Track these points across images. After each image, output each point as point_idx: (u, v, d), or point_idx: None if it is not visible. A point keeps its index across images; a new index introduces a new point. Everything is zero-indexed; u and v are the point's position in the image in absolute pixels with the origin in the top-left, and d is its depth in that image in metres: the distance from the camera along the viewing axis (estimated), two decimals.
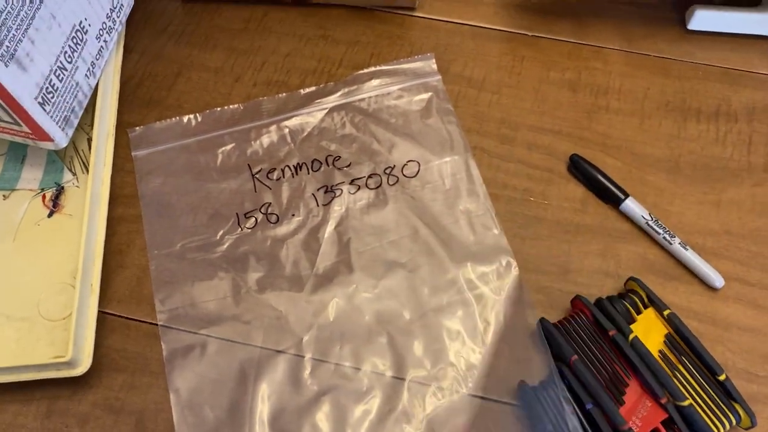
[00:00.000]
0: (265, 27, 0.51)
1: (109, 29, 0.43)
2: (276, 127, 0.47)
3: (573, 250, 0.43)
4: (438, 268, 0.42)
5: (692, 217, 0.43)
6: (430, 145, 0.46)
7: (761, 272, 0.42)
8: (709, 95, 0.47)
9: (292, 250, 0.43)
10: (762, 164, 0.45)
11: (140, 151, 0.46)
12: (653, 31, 0.50)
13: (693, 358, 0.38)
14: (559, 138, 0.46)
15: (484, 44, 0.50)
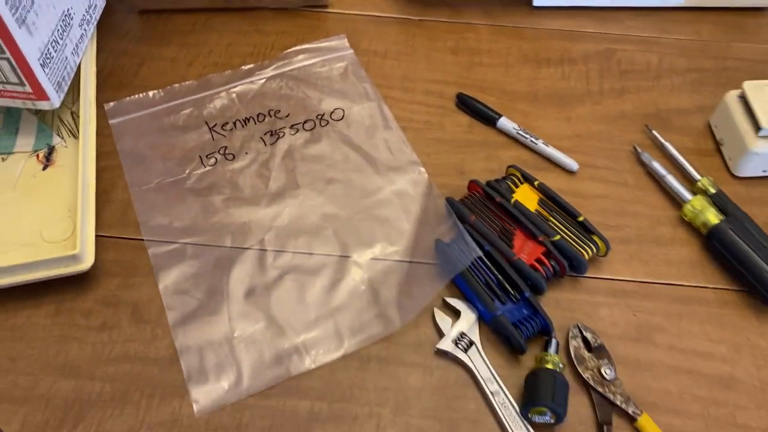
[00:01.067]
0: (209, 27, 0.64)
1: (87, 21, 0.55)
2: (225, 93, 0.59)
3: (466, 158, 0.56)
4: (367, 179, 0.54)
5: (551, 129, 0.57)
6: (350, 96, 0.59)
7: (604, 159, 0.56)
8: (555, 49, 0.63)
9: (248, 178, 0.54)
10: (597, 90, 0.60)
11: (116, 119, 0.57)
12: (509, 10, 0.66)
13: (558, 210, 0.51)
14: (447, 86, 0.60)
15: (383, 27, 0.64)
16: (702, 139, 0.57)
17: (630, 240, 0.52)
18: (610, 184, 0.55)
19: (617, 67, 0.62)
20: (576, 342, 0.46)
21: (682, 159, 0.55)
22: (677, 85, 0.61)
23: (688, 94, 0.60)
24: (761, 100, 0.53)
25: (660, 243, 0.51)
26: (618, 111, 0.59)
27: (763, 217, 0.52)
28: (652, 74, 0.61)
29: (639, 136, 0.57)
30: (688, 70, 0.62)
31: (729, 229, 0.49)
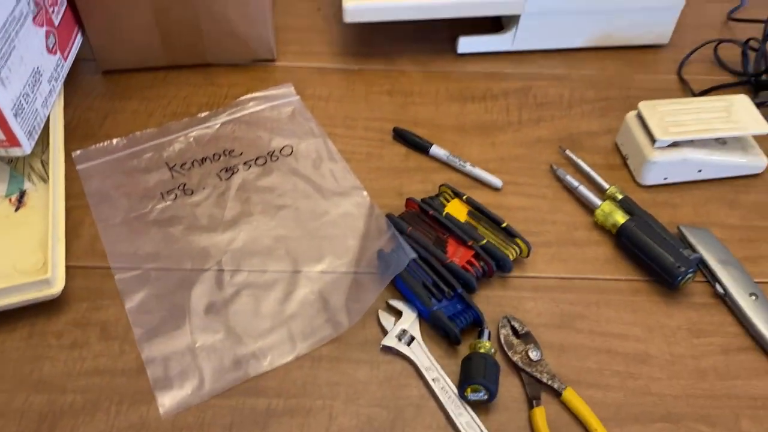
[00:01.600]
0: (168, 82, 0.70)
1: (55, 78, 0.61)
2: (184, 137, 0.65)
3: (403, 182, 0.62)
4: (315, 204, 0.60)
5: (477, 154, 0.65)
6: (298, 134, 0.65)
7: (525, 177, 0.63)
8: (478, 88, 0.71)
9: (206, 209, 0.59)
10: (516, 120, 0.68)
11: (82, 165, 0.62)
12: (437, 57, 0.74)
13: (485, 218, 0.57)
14: (384, 122, 0.67)
15: (326, 77, 0.72)
16: (610, 156, 0.65)
17: (550, 243, 0.58)
18: (531, 198, 0.61)
19: (534, 100, 0.70)
20: (505, 330, 0.51)
21: (592, 172, 0.62)
22: (587, 112, 0.69)
23: (596, 119, 0.68)
24: (654, 117, 0.61)
25: (577, 244, 0.58)
26: (535, 136, 0.66)
27: (667, 217, 0.59)
28: (564, 105, 0.70)
29: (555, 156, 0.65)
30: (596, 99, 0.70)
31: (634, 226, 0.56)
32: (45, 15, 0.59)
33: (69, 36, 0.64)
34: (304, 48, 0.75)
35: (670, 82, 0.72)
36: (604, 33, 0.73)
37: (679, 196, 0.61)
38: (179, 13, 0.65)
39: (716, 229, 0.58)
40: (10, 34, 0.53)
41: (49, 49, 0.60)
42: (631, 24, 0.73)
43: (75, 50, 0.65)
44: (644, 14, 0.72)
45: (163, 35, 0.67)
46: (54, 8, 0.61)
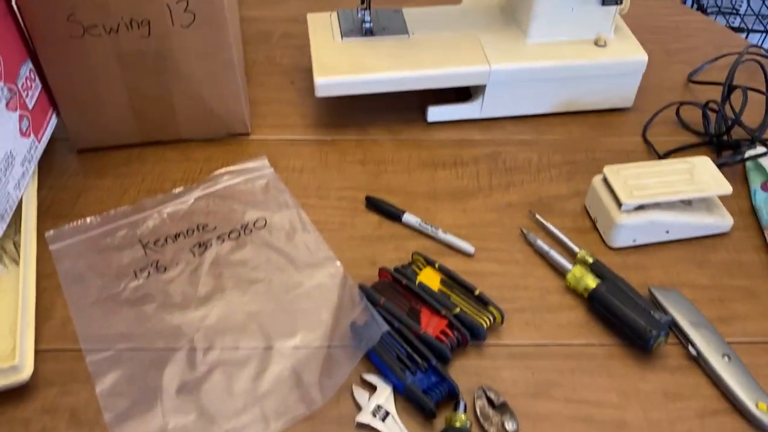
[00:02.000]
0: (143, 159, 0.71)
1: (28, 160, 0.61)
2: (157, 214, 0.65)
3: (377, 251, 0.62)
4: (288, 277, 0.60)
5: (449, 220, 0.65)
6: (271, 207, 0.66)
7: (497, 242, 0.63)
8: (449, 155, 0.73)
9: (178, 286, 0.59)
10: (487, 186, 0.69)
11: (55, 245, 0.62)
12: (408, 125, 0.76)
13: (458, 286, 0.57)
14: (357, 191, 0.68)
15: (300, 148, 0.73)
16: (580, 219, 0.66)
17: (524, 309, 0.58)
18: (503, 263, 0.62)
19: (503, 165, 0.71)
20: (481, 401, 0.51)
21: (562, 236, 0.63)
22: (555, 176, 0.70)
23: (565, 183, 0.70)
24: (619, 181, 0.62)
25: (550, 310, 0.58)
26: (506, 201, 0.68)
27: (638, 279, 0.60)
28: (533, 169, 0.71)
29: (525, 220, 0.66)
30: (564, 163, 0.72)
31: (605, 291, 0.57)
32: (19, 99, 0.60)
33: (43, 118, 0.65)
34: (278, 120, 0.76)
35: (635, 144, 0.74)
36: (569, 99, 0.75)
37: (648, 257, 0.62)
38: (152, 92, 0.67)
39: (686, 290, 0.59)
40: None
41: (23, 132, 0.60)
42: (595, 90, 0.75)
43: (50, 131, 0.66)
44: (607, 80, 0.74)
45: (137, 113, 0.68)
46: (28, 92, 0.62)
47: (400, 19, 0.77)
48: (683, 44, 0.89)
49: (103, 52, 0.63)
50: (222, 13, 0.62)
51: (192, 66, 0.66)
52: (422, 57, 0.72)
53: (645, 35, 0.89)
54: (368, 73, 0.71)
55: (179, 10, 0.61)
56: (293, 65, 0.84)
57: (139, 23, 0.61)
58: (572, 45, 0.73)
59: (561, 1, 0.71)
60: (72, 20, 0.60)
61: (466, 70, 0.71)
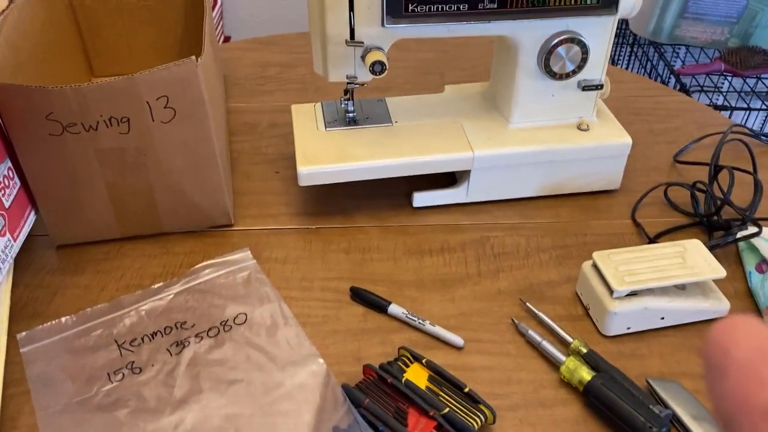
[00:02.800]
0: (122, 254, 0.70)
1: (2, 260, 0.60)
2: (135, 312, 0.63)
3: (362, 345, 0.60)
4: (268, 377, 0.57)
5: (437, 310, 0.63)
6: (252, 301, 0.64)
7: (487, 333, 0.61)
8: (436, 241, 0.71)
9: (153, 389, 0.56)
10: (475, 273, 0.67)
11: (27, 348, 0.59)
12: (395, 212, 0.75)
13: (446, 383, 0.54)
14: (341, 281, 0.66)
15: (283, 238, 0.72)
16: (572, 306, 0.64)
17: (517, 406, 0.55)
18: (494, 356, 0.59)
19: (491, 251, 0.70)
20: None
21: (554, 325, 0.61)
22: (545, 261, 0.69)
23: (555, 268, 0.68)
24: (610, 267, 0.60)
25: (545, 405, 0.55)
26: (495, 289, 0.66)
27: (635, 369, 0.57)
28: (522, 254, 0.69)
29: (516, 308, 0.64)
30: (553, 247, 0.70)
31: (601, 384, 0.54)
32: None
33: (21, 216, 0.64)
34: (262, 210, 0.75)
35: (624, 227, 0.73)
36: (555, 182, 0.75)
37: (645, 345, 0.60)
38: (133, 187, 0.66)
39: (686, 380, 0.56)
40: None
41: None
42: (581, 173, 0.74)
43: (27, 229, 0.65)
44: (592, 163, 0.74)
45: (117, 209, 0.67)
46: (5, 191, 0.61)
47: (383, 108, 0.78)
48: (667, 124, 0.89)
49: (82, 149, 0.62)
50: (203, 108, 0.63)
51: (173, 160, 0.65)
52: (406, 144, 0.72)
53: (628, 116, 0.90)
54: (352, 162, 0.70)
55: (159, 107, 0.61)
56: (278, 154, 0.84)
57: (118, 120, 0.61)
58: (555, 129, 0.74)
59: (541, 88, 0.72)
60: (51, 118, 0.60)
61: (449, 156, 0.71)
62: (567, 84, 0.72)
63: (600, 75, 0.72)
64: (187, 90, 0.61)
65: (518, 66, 0.70)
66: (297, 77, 0.99)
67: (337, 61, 0.68)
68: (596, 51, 0.69)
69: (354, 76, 0.69)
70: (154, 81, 0.59)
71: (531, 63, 0.70)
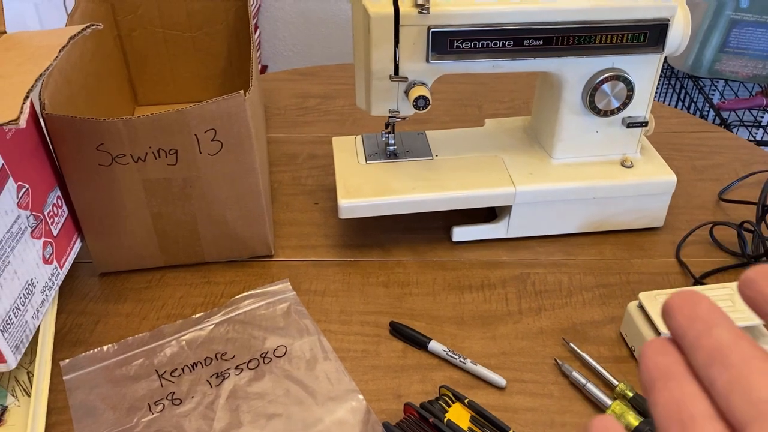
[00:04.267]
0: (164, 283, 0.70)
1: (49, 287, 0.61)
2: (176, 341, 0.63)
3: (402, 382, 0.59)
4: (307, 412, 0.57)
5: (478, 348, 0.62)
6: (291, 333, 0.64)
7: (529, 373, 0.60)
8: (475, 276, 0.70)
9: (193, 421, 0.56)
10: (516, 310, 0.66)
11: (69, 375, 0.60)
12: (433, 246, 0.75)
13: (489, 425, 0.53)
14: (380, 315, 0.66)
15: (322, 270, 0.72)
16: (616, 347, 0.63)
17: None
18: (537, 397, 0.58)
19: (532, 288, 0.69)
20: None
21: (599, 367, 0.59)
22: (588, 300, 0.68)
23: (598, 308, 0.67)
24: (657, 308, 0.59)
25: None
26: (537, 327, 0.65)
27: None
28: (564, 292, 0.68)
29: (558, 348, 0.62)
30: (596, 286, 0.69)
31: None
32: (44, 227, 0.60)
33: (67, 244, 0.65)
34: (301, 242, 0.76)
35: (669, 266, 0.71)
36: (597, 219, 0.74)
37: None
38: (177, 217, 0.67)
39: None
40: (5, 251, 0.54)
41: (46, 259, 0.60)
42: (624, 210, 0.73)
43: (73, 256, 0.66)
44: (636, 200, 0.73)
45: (161, 238, 0.68)
46: (54, 219, 0.62)
47: (423, 141, 0.78)
48: (710, 161, 0.88)
49: (130, 179, 0.63)
50: (249, 141, 0.63)
51: (218, 191, 0.66)
52: (446, 179, 0.72)
53: (670, 152, 0.89)
54: (393, 195, 0.70)
55: (207, 140, 0.62)
56: (318, 185, 0.84)
57: (166, 152, 0.62)
58: (598, 165, 0.73)
59: (585, 124, 0.71)
60: (101, 149, 0.61)
61: (491, 191, 0.71)
62: (611, 120, 0.71)
63: (645, 112, 0.71)
64: (234, 123, 0.61)
65: (562, 102, 0.70)
66: (336, 109, 1.00)
67: (381, 95, 0.68)
68: (641, 88, 0.69)
69: (396, 110, 0.70)
70: (203, 114, 0.60)
71: (575, 99, 0.69)
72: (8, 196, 0.55)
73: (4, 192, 0.54)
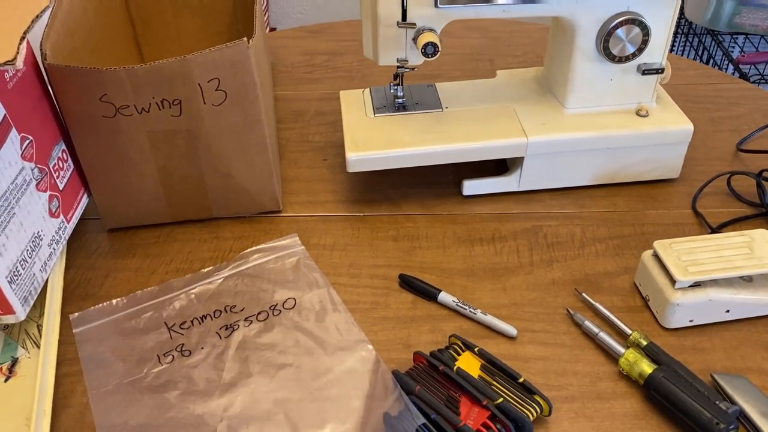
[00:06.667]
0: (172, 238, 0.70)
1: (56, 241, 0.61)
2: (185, 295, 0.63)
3: (411, 333, 0.59)
4: (317, 362, 0.56)
5: (488, 299, 0.62)
6: (300, 286, 0.63)
7: (540, 323, 0.59)
8: (486, 230, 0.69)
9: (203, 371, 0.56)
10: (528, 262, 0.65)
11: (79, 328, 0.60)
12: (443, 200, 0.73)
13: (500, 373, 0.53)
14: (390, 269, 0.65)
15: (331, 225, 0.71)
16: (630, 297, 0.62)
17: (574, 398, 0.53)
18: (549, 346, 0.57)
19: (544, 240, 0.68)
20: None
21: (612, 316, 0.58)
22: (601, 251, 0.66)
23: (612, 258, 0.65)
24: (672, 256, 0.58)
25: (602, 398, 0.53)
26: (549, 279, 0.64)
27: (698, 364, 0.55)
28: (576, 244, 0.67)
29: (571, 299, 0.61)
30: (610, 237, 0.68)
31: (663, 377, 0.51)
32: (49, 180, 0.60)
33: (74, 198, 0.64)
34: (310, 198, 0.75)
35: (684, 217, 0.70)
36: (611, 170, 0.72)
37: (708, 339, 0.57)
38: (183, 171, 0.66)
39: (753, 376, 0.54)
40: (10, 202, 0.53)
41: (52, 213, 0.60)
42: (639, 160, 0.72)
43: (80, 211, 0.66)
44: (651, 150, 0.71)
45: (168, 193, 0.68)
46: (60, 173, 0.62)
47: (433, 93, 0.76)
48: (729, 112, 0.86)
49: (134, 131, 0.62)
50: (254, 91, 0.62)
51: (223, 144, 0.65)
52: (457, 130, 0.71)
53: (687, 104, 0.87)
54: (402, 148, 0.69)
55: (211, 90, 0.61)
56: (326, 142, 0.83)
57: (170, 103, 0.61)
58: (613, 115, 0.71)
59: (599, 72, 0.69)
60: (104, 100, 0.60)
61: (502, 142, 0.69)
62: (626, 68, 0.69)
63: (661, 58, 0.69)
64: (238, 72, 0.60)
65: (575, 49, 0.68)
66: (344, 65, 0.99)
67: (388, 43, 0.67)
68: (657, 33, 0.67)
69: (405, 59, 0.68)
70: (206, 63, 0.59)
71: (589, 46, 0.67)
72: (12, 147, 0.54)
73: (7, 143, 0.54)
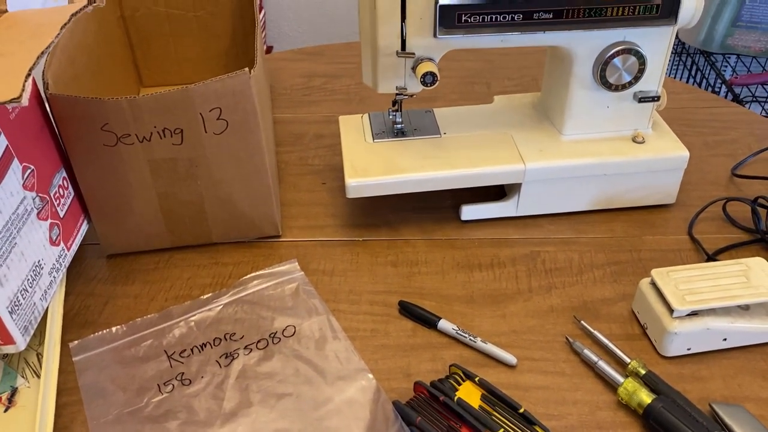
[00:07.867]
0: (171, 264, 0.70)
1: (57, 269, 0.61)
2: (184, 322, 0.63)
3: (411, 361, 0.59)
4: (317, 391, 0.56)
5: (488, 327, 0.62)
6: (300, 313, 0.63)
7: (540, 351, 0.59)
8: (485, 255, 0.70)
9: (203, 401, 0.56)
10: (526, 288, 0.66)
11: (79, 356, 0.60)
12: (442, 225, 0.74)
13: (500, 403, 0.53)
14: (389, 295, 0.65)
15: (330, 250, 0.71)
16: (628, 324, 0.62)
17: (573, 427, 0.53)
18: (549, 375, 0.58)
19: (542, 266, 0.68)
20: None
21: (611, 345, 0.59)
22: (599, 277, 0.67)
23: (610, 285, 0.66)
24: (669, 285, 0.58)
25: (602, 427, 0.53)
26: (548, 305, 0.64)
27: (696, 393, 0.55)
28: (575, 270, 0.68)
29: (570, 326, 0.62)
30: (607, 263, 0.68)
31: (661, 407, 0.52)
32: (50, 209, 0.60)
33: (74, 225, 0.65)
34: (309, 222, 0.75)
35: (681, 242, 0.70)
36: (608, 196, 0.73)
37: (706, 367, 0.58)
38: (183, 197, 0.66)
39: (751, 405, 0.54)
40: (11, 232, 0.54)
41: (53, 241, 0.60)
42: (636, 186, 0.72)
43: (80, 238, 0.66)
44: (647, 177, 0.72)
45: (168, 219, 0.68)
46: (60, 200, 0.62)
47: (431, 119, 0.77)
48: (723, 136, 0.87)
49: (135, 159, 0.63)
50: (255, 120, 0.63)
51: (224, 171, 0.65)
52: (455, 156, 0.71)
53: (682, 128, 0.88)
54: (401, 174, 0.70)
55: (212, 118, 0.61)
56: (325, 165, 0.83)
57: (172, 131, 0.61)
58: (609, 141, 0.72)
59: (596, 99, 0.70)
60: (106, 129, 0.60)
61: (500, 169, 0.70)
62: (622, 95, 0.70)
63: (657, 86, 0.70)
64: (239, 102, 0.61)
65: (572, 77, 0.69)
66: (342, 88, 0.99)
67: (388, 72, 0.67)
68: (653, 62, 0.68)
69: (404, 87, 0.69)
70: (208, 93, 0.59)
71: (586, 74, 0.68)
72: (13, 177, 0.54)
73: (9, 173, 0.54)
